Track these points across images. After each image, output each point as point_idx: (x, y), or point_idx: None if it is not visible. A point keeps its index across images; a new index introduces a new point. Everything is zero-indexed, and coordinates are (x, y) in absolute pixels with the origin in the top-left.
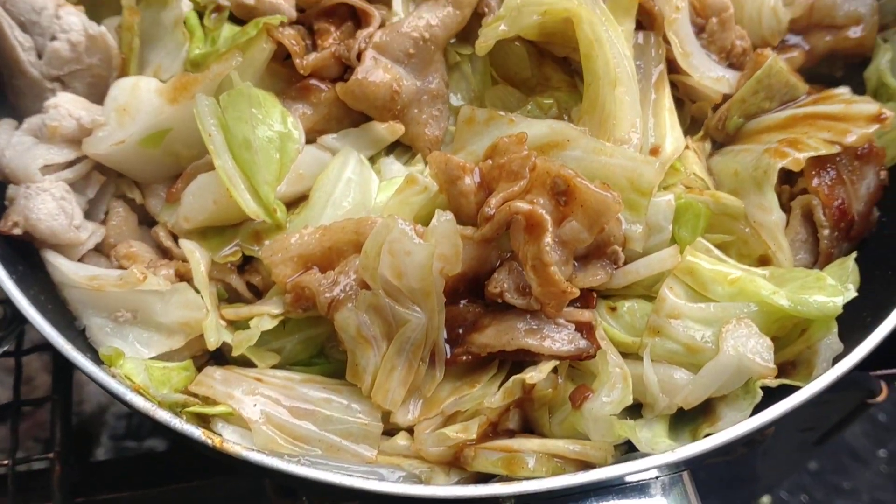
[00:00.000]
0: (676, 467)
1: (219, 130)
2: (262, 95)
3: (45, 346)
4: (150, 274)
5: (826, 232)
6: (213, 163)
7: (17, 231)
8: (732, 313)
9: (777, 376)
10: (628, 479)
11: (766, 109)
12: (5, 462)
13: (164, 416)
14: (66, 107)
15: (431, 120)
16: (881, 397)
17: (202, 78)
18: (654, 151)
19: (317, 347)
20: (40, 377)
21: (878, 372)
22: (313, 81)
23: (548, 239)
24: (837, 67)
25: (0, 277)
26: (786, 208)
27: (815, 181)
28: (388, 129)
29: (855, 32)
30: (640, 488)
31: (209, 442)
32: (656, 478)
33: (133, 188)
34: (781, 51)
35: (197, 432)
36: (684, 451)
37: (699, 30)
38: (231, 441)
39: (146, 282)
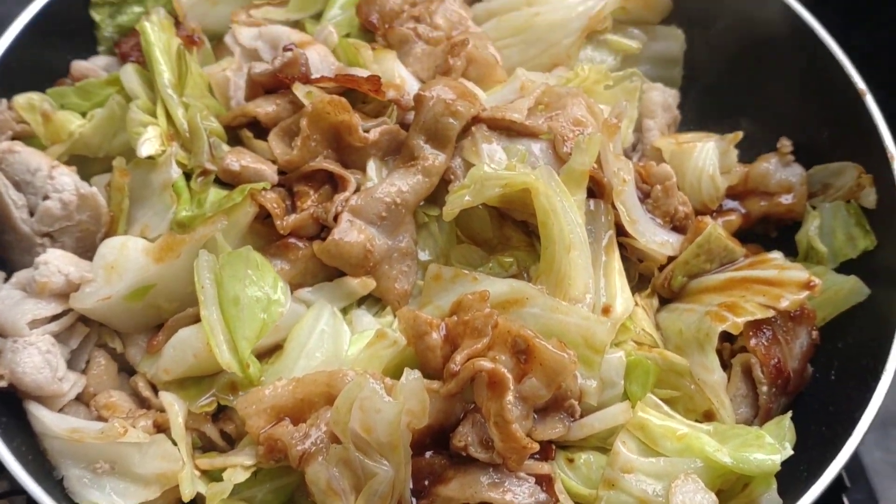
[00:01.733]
0: None
1: (212, 285)
2: (259, 260)
3: (20, 491)
4: (130, 427)
5: (764, 388)
6: (195, 315)
7: (2, 384)
8: (681, 468)
9: None
10: None
11: (708, 270)
12: None
13: None
14: (56, 263)
15: (401, 275)
16: None
17: (188, 239)
18: (606, 311)
19: (287, 496)
20: None
21: None
22: (292, 240)
23: (509, 396)
24: (772, 229)
25: None
26: (727, 364)
27: (753, 341)
28: (361, 284)
29: (786, 199)
30: None
31: None
32: None
33: (115, 338)
34: (720, 214)
35: None
36: None
37: (645, 195)
38: None
39: (126, 435)
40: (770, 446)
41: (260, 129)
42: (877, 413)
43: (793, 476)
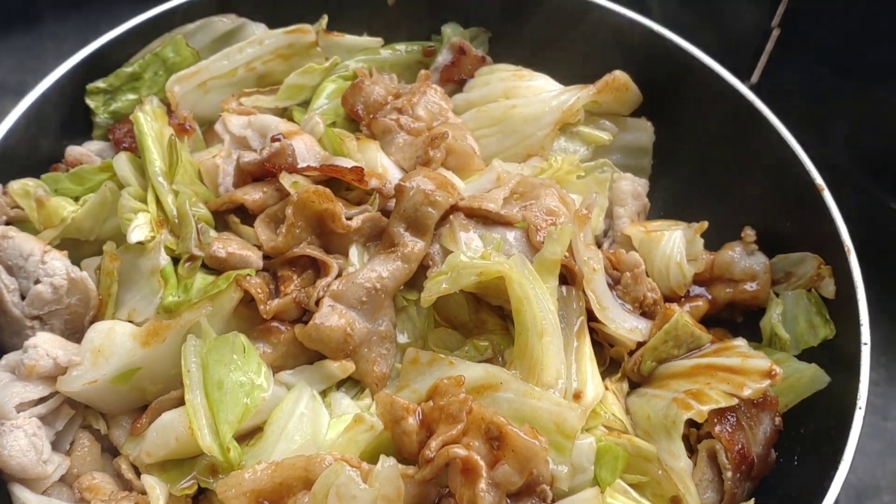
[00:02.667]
0: None
1: (198, 368)
2: (245, 345)
3: None
4: None
5: (729, 474)
6: (178, 398)
7: None
8: None
9: None
10: None
11: (675, 356)
12: None
13: None
14: (44, 347)
15: (380, 358)
16: None
17: (174, 324)
18: (577, 396)
19: None
20: None
21: None
22: (274, 323)
23: (482, 483)
24: (737, 314)
25: None
26: (693, 449)
27: (718, 428)
28: (340, 368)
29: (751, 287)
30: None
31: None
32: None
33: (99, 419)
34: (688, 300)
35: None
36: None
37: (615, 281)
38: None
39: None
40: None
41: (246, 214)
42: (851, 485)
43: None
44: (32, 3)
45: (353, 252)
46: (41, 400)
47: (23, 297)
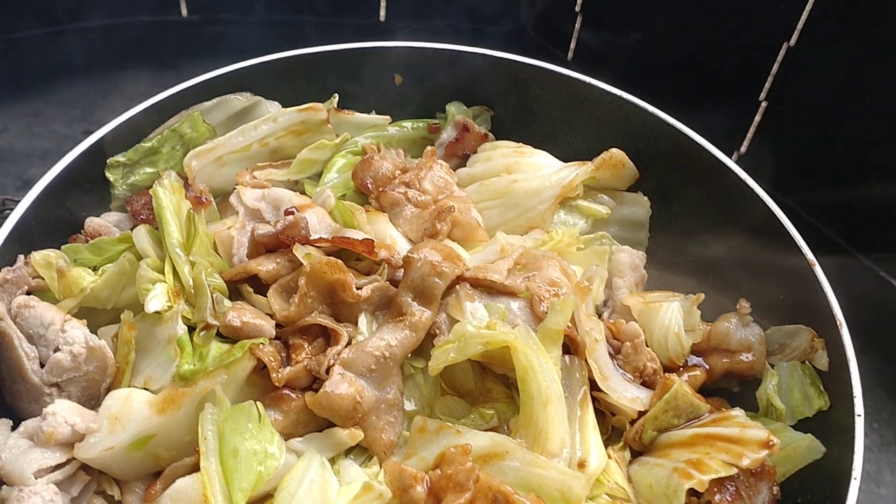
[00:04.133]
0: None
1: (214, 436)
2: (261, 414)
3: None
4: None
5: None
6: (192, 465)
7: None
8: None
9: None
10: None
11: (676, 425)
12: None
13: None
14: (63, 414)
15: (388, 426)
16: None
17: (190, 392)
18: (581, 465)
19: None
20: None
21: None
22: (286, 391)
23: None
24: (734, 384)
25: None
26: None
27: (718, 497)
28: (349, 436)
29: (746, 357)
30: None
31: None
32: None
33: (113, 485)
34: (686, 369)
35: None
36: None
37: (616, 351)
38: None
39: None
40: None
41: (260, 284)
42: None
43: None
44: (45, 71)
45: (363, 320)
46: (58, 466)
47: (42, 365)
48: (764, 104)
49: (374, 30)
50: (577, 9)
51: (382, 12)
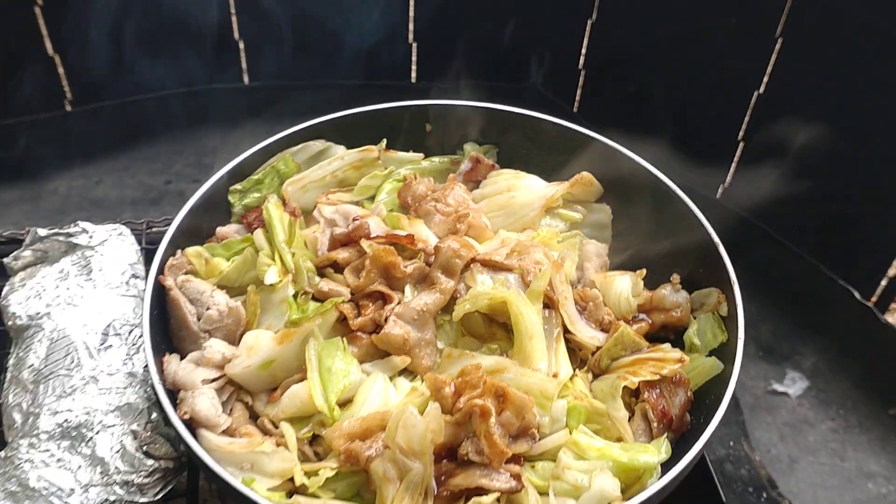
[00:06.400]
0: None
1: (315, 359)
2: (344, 346)
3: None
4: (263, 442)
5: (654, 424)
6: (301, 378)
7: (186, 417)
8: (598, 467)
9: None
10: None
11: (623, 355)
12: None
13: None
14: (216, 347)
15: (426, 355)
16: None
17: (298, 331)
18: (555, 375)
19: (356, 489)
20: None
21: None
22: (359, 333)
23: (493, 420)
24: (669, 333)
25: (190, 443)
26: (632, 411)
27: (647, 394)
28: (401, 361)
29: (677, 313)
30: None
31: None
32: None
33: (247, 395)
34: (634, 322)
35: None
36: None
37: (582, 308)
38: None
39: (262, 445)
40: (653, 451)
41: (337, 268)
42: None
43: (667, 468)
44: (131, 132)
45: (408, 289)
46: (214, 381)
47: (198, 319)
48: (741, 143)
49: (408, 90)
50: (580, 68)
51: (413, 75)
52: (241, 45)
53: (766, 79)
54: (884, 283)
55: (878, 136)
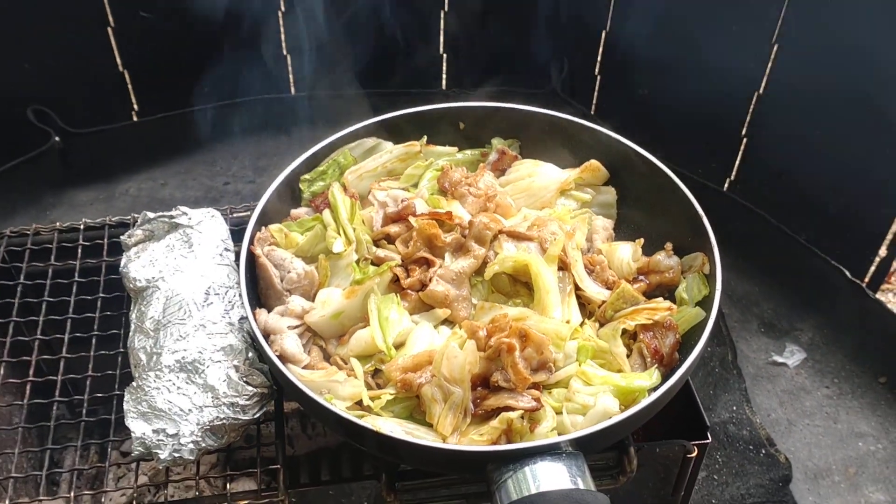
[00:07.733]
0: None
1: (375, 310)
2: (397, 300)
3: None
4: (337, 372)
5: (648, 360)
6: (364, 325)
7: (277, 353)
8: (602, 390)
9: None
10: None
11: (624, 307)
12: None
13: (350, 417)
14: (297, 301)
15: (463, 308)
16: (693, 453)
17: (361, 288)
18: (567, 322)
19: (409, 412)
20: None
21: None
22: (409, 291)
23: (517, 354)
24: (664, 291)
25: (284, 371)
26: (631, 349)
27: (642, 335)
28: (443, 312)
29: (670, 275)
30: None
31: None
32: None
33: (321, 340)
34: (634, 282)
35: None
36: (583, 432)
37: (590, 271)
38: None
39: (336, 374)
40: (646, 377)
41: (390, 239)
42: (808, 469)
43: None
44: (192, 139)
45: (447, 256)
46: (296, 328)
47: (281, 280)
48: (745, 139)
49: (440, 94)
50: (596, 74)
51: (444, 83)
52: (289, 59)
53: (764, 80)
54: (875, 264)
55: (872, 126)
